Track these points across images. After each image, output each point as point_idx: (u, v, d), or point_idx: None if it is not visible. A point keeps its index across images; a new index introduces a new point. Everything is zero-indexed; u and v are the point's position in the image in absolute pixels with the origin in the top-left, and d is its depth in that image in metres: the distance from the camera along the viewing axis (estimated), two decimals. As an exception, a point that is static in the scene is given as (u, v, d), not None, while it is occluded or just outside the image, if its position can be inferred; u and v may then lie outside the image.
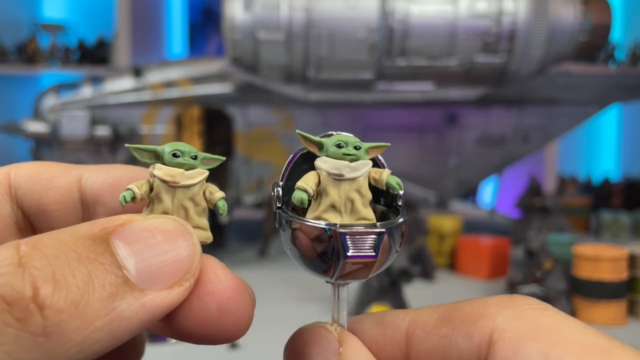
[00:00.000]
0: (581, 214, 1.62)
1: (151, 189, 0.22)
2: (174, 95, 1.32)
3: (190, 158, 0.22)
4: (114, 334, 0.17)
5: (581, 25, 1.22)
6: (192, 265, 0.19)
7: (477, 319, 0.19)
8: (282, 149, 1.36)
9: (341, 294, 0.23)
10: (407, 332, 0.21)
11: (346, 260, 0.20)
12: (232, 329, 0.20)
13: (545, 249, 0.95)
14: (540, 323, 0.18)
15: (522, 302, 0.19)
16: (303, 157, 0.23)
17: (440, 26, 1.16)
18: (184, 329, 0.20)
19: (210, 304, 0.19)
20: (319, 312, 0.91)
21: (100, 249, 0.18)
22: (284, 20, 1.15)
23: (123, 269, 0.18)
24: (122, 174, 0.25)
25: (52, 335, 0.16)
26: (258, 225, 1.33)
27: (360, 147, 0.22)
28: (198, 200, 0.22)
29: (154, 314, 0.18)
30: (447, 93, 1.32)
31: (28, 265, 0.16)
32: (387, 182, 0.22)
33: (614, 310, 0.87)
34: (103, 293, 0.17)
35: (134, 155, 0.22)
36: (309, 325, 0.22)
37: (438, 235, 1.20)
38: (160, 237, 0.19)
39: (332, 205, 0.22)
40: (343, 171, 0.22)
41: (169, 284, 0.18)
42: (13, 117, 1.48)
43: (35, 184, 0.25)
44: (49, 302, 0.16)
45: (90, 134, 1.28)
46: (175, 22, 2.55)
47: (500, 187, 2.04)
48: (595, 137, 2.52)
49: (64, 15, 2.40)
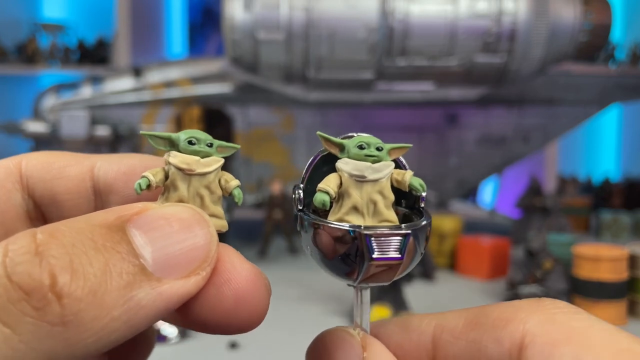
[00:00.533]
0: (581, 214, 1.62)
1: (166, 177, 0.21)
2: (173, 95, 1.32)
3: (206, 146, 0.22)
4: (132, 323, 0.17)
5: (581, 25, 1.22)
6: (209, 253, 0.19)
7: (506, 323, 0.19)
8: (282, 149, 1.36)
9: (364, 298, 0.22)
10: (433, 336, 0.21)
11: (371, 262, 0.20)
12: (248, 319, 0.20)
13: (545, 249, 0.95)
14: (573, 327, 0.18)
15: (552, 306, 0.19)
16: (323, 159, 0.23)
17: (440, 26, 1.16)
18: (200, 318, 0.19)
19: (226, 293, 0.19)
20: (319, 312, 0.91)
21: (116, 237, 0.17)
22: (284, 20, 1.15)
23: (140, 257, 0.17)
24: (136, 162, 0.25)
25: (69, 325, 0.15)
26: (258, 225, 1.33)
27: (382, 148, 0.22)
28: (214, 189, 0.22)
29: (171, 303, 0.18)
30: (447, 93, 1.31)
31: (45, 253, 0.16)
32: (409, 184, 0.22)
33: (614, 311, 0.87)
34: (120, 282, 0.17)
35: (149, 142, 0.22)
36: (332, 330, 0.22)
37: (438, 235, 1.20)
38: (176, 225, 0.19)
39: (354, 207, 0.21)
40: (365, 172, 0.22)
41: (186, 272, 0.18)
42: (13, 117, 1.48)
43: (47, 173, 0.24)
44: (67, 290, 0.15)
45: (90, 134, 1.28)
46: (175, 22, 2.55)
47: (500, 187, 2.04)
48: (595, 137, 2.52)
49: (64, 15, 2.40)
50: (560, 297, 0.89)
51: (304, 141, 1.36)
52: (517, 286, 0.93)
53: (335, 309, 0.92)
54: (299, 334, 0.83)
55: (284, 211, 1.25)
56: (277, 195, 1.25)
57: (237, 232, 1.44)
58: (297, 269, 1.17)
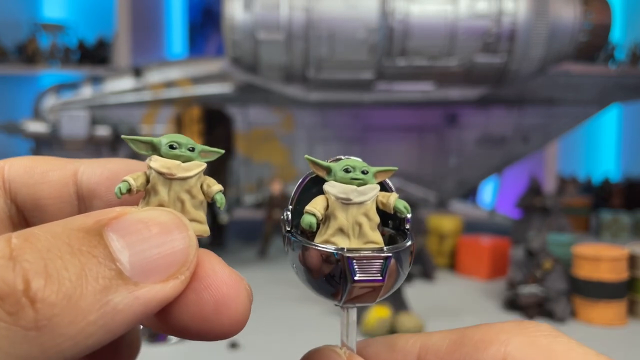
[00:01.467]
0: (581, 214, 1.62)
1: (148, 181, 0.21)
2: (174, 95, 1.32)
3: (187, 150, 0.22)
4: (108, 328, 0.17)
5: (581, 25, 1.22)
6: (187, 258, 0.19)
7: (488, 345, 0.19)
8: (282, 149, 1.36)
9: (350, 318, 0.23)
10: (418, 357, 0.21)
11: (353, 284, 0.21)
12: (229, 325, 0.20)
13: (545, 249, 0.95)
14: (553, 350, 0.18)
15: (533, 329, 0.19)
16: (312, 180, 0.24)
17: (440, 26, 1.16)
18: (180, 323, 0.19)
19: (206, 299, 0.19)
20: (318, 312, 0.91)
21: (93, 241, 0.17)
22: (284, 21, 1.15)
23: (117, 261, 0.17)
24: (119, 167, 0.25)
25: (44, 329, 0.15)
26: (258, 225, 1.33)
27: (367, 171, 0.23)
28: (195, 193, 0.22)
29: (149, 307, 0.18)
30: (447, 93, 1.31)
31: (19, 258, 0.16)
32: (394, 206, 0.23)
33: (614, 311, 0.87)
34: (96, 286, 0.16)
35: (131, 147, 0.22)
36: (319, 348, 0.22)
37: (438, 235, 1.20)
38: (154, 229, 0.19)
39: (340, 229, 0.22)
40: (351, 195, 0.22)
41: (164, 277, 0.18)
42: (13, 117, 1.48)
43: (30, 178, 0.24)
44: (40, 295, 0.15)
45: (90, 134, 1.28)
46: (175, 22, 2.55)
47: (500, 187, 2.04)
48: (595, 137, 2.52)
49: (64, 15, 2.40)
50: (560, 297, 0.89)
51: (304, 141, 1.36)
52: (517, 286, 0.93)
53: (334, 309, 0.92)
54: (299, 334, 0.83)
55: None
56: (277, 195, 1.25)
57: (237, 232, 1.44)
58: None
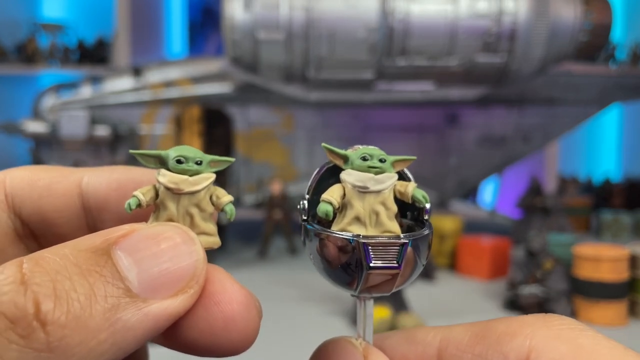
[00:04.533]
0: (582, 214, 1.62)
1: (157, 195, 0.21)
2: (173, 95, 1.32)
3: (194, 164, 0.21)
4: (119, 346, 0.17)
5: (582, 25, 1.22)
6: (195, 271, 0.19)
7: (512, 338, 0.19)
8: (282, 149, 1.36)
9: (367, 309, 0.23)
10: (439, 349, 0.21)
11: (369, 271, 0.20)
12: (238, 341, 0.20)
13: (545, 249, 0.95)
14: (580, 344, 0.18)
15: (559, 322, 0.19)
16: (330, 170, 0.23)
17: (440, 26, 1.16)
18: (189, 340, 0.19)
19: (216, 315, 0.19)
20: (319, 312, 0.91)
21: (101, 261, 0.18)
22: (284, 20, 1.15)
23: (125, 280, 0.18)
24: (125, 177, 0.25)
25: (56, 350, 0.16)
26: (258, 225, 1.33)
27: (385, 160, 0.22)
28: (204, 206, 0.22)
29: (159, 323, 0.18)
30: (448, 93, 1.31)
31: (30, 282, 0.16)
32: (412, 195, 0.22)
33: (615, 311, 0.87)
34: (105, 305, 0.17)
35: (140, 162, 0.22)
36: (334, 339, 0.22)
37: (438, 235, 1.20)
38: (162, 245, 0.19)
39: (356, 217, 0.22)
40: (367, 184, 0.22)
41: (173, 291, 0.18)
42: (12, 117, 1.47)
43: (33, 192, 0.24)
44: (50, 317, 0.16)
45: (90, 133, 1.28)
46: (175, 22, 2.55)
47: (500, 187, 2.04)
48: (596, 137, 2.51)
49: (64, 14, 2.40)
50: (560, 297, 0.89)
51: (304, 141, 1.35)
52: (517, 286, 0.92)
53: (335, 309, 0.92)
54: (299, 334, 0.82)
55: (284, 211, 1.25)
56: (277, 196, 1.25)
57: (237, 232, 1.44)
58: (297, 269, 1.17)
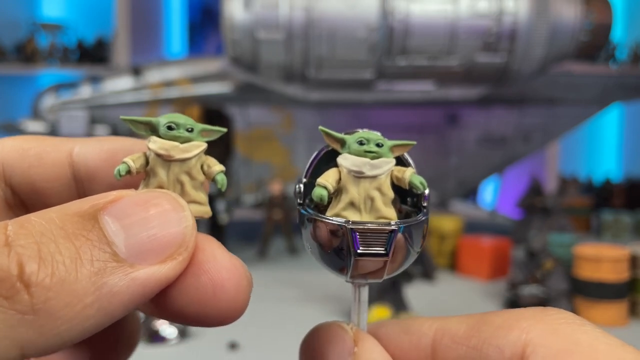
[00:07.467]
0: (582, 214, 1.62)
1: (147, 162, 0.21)
2: (173, 94, 1.31)
3: (185, 131, 0.21)
4: (106, 311, 0.17)
5: (582, 24, 1.22)
6: (184, 238, 0.19)
7: (508, 331, 0.18)
8: (282, 149, 1.36)
9: (361, 296, 0.23)
10: (434, 340, 0.21)
11: (357, 257, 0.20)
12: (227, 310, 0.19)
13: (546, 249, 0.95)
14: (577, 339, 0.17)
15: (557, 316, 0.18)
16: (329, 155, 0.23)
17: (440, 25, 1.16)
18: (178, 308, 0.19)
19: (205, 282, 0.19)
20: (318, 312, 0.91)
21: (88, 225, 0.17)
22: (283, 20, 1.15)
23: (112, 244, 0.17)
24: (116, 146, 0.25)
25: (40, 313, 0.16)
26: (257, 225, 1.33)
27: (382, 144, 0.22)
28: (195, 174, 0.21)
29: (146, 289, 0.18)
30: (448, 93, 1.31)
31: (14, 244, 0.16)
32: (410, 181, 0.22)
33: (615, 311, 0.87)
34: (91, 269, 0.17)
35: (131, 128, 0.22)
36: (326, 324, 0.22)
37: (439, 235, 1.20)
38: (150, 211, 0.19)
39: (351, 202, 0.21)
40: (363, 168, 0.21)
41: (162, 258, 0.18)
42: (12, 117, 1.47)
43: (24, 161, 0.24)
44: (34, 279, 0.16)
45: (89, 133, 1.28)
46: (175, 22, 2.54)
47: (501, 188, 2.04)
48: (596, 137, 2.51)
49: (63, 14, 2.40)
50: (561, 297, 0.89)
51: (304, 141, 1.35)
52: (517, 287, 0.92)
53: (334, 309, 0.91)
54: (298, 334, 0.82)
55: (284, 211, 1.24)
56: (276, 196, 1.24)
57: (237, 232, 1.44)
58: (296, 269, 1.16)
